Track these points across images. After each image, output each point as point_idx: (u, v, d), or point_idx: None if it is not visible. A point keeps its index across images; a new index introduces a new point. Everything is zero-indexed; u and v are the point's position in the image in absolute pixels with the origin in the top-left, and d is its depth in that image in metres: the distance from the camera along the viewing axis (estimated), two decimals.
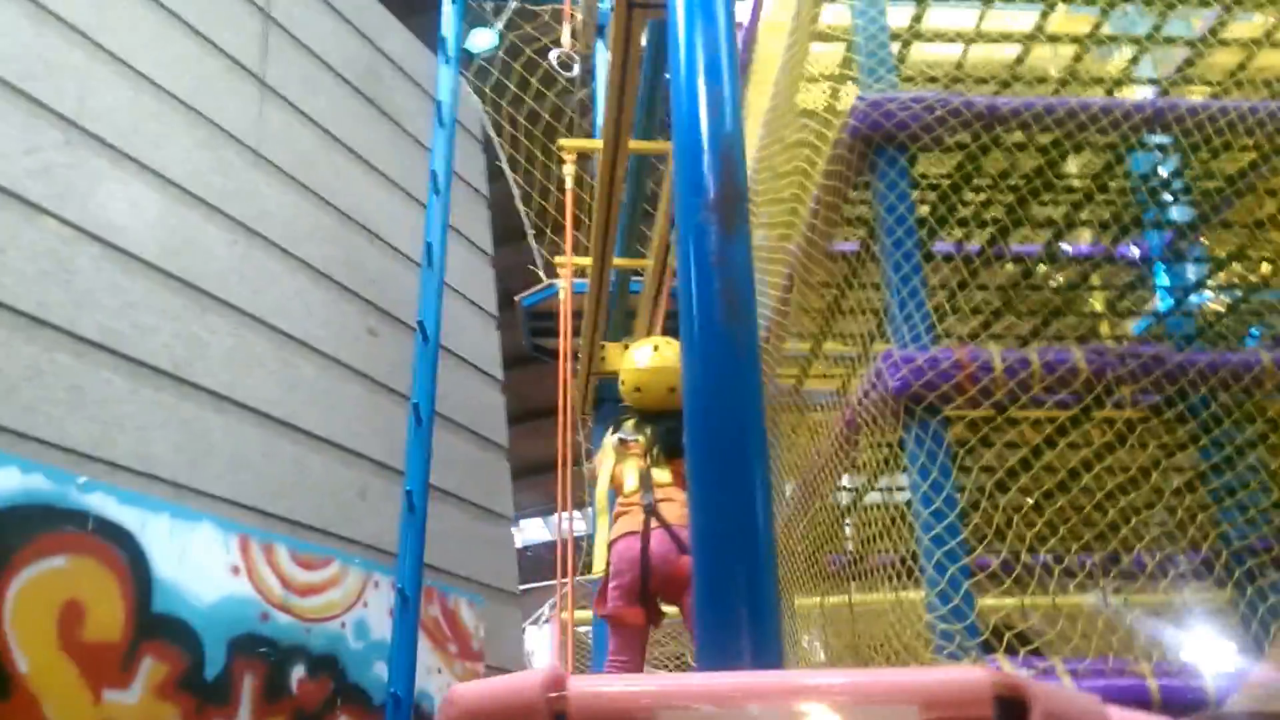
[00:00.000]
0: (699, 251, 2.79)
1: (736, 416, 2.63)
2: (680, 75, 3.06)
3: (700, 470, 2.64)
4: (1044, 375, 3.55)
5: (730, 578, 2.49)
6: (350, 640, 7.49)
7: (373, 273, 8.73)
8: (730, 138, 2.90)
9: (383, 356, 8.56)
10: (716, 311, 2.71)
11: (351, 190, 8.75)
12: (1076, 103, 4.00)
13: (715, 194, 2.81)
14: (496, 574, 9.15)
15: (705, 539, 2.56)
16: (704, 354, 2.69)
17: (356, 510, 7.91)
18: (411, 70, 9.84)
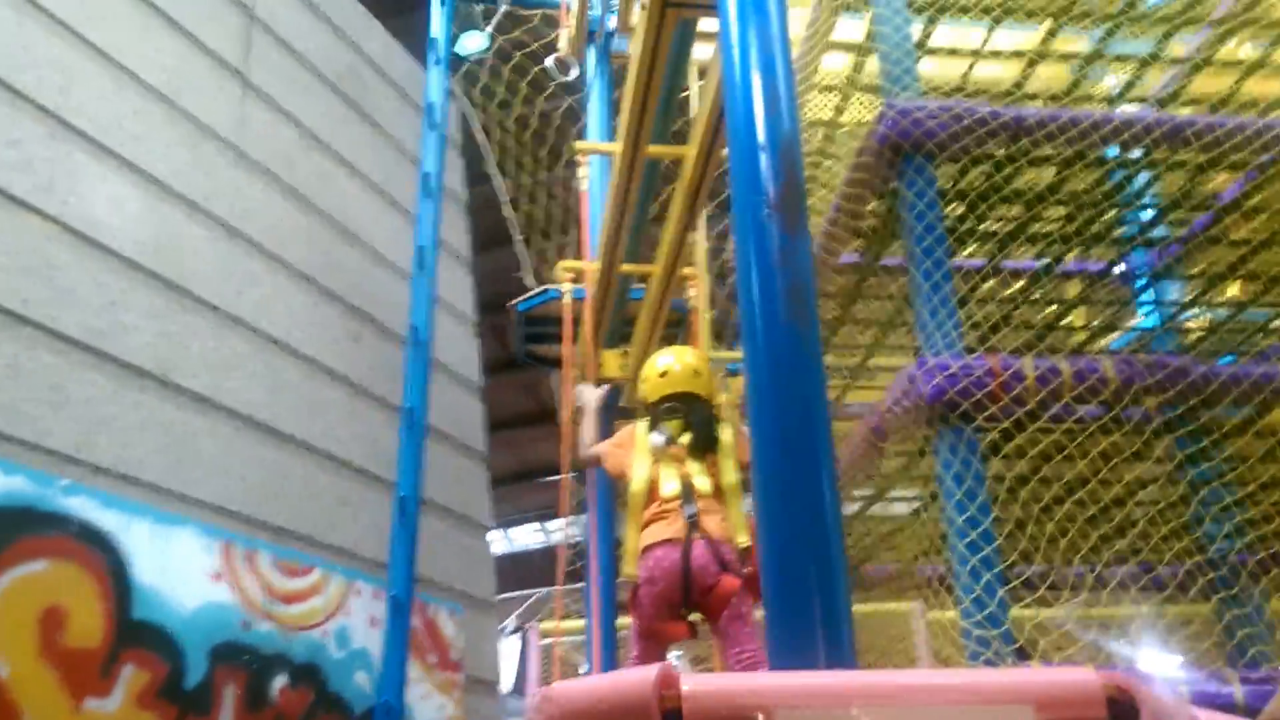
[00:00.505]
0: (761, 251, 2.78)
1: (804, 415, 2.63)
2: (735, 73, 3.06)
3: (768, 468, 2.63)
4: (1074, 384, 3.59)
5: (802, 577, 2.48)
6: (332, 649, 7.39)
7: (354, 276, 8.65)
8: (789, 135, 2.90)
9: (364, 361, 8.48)
10: (781, 311, 2.70)
11: (333, 192, 8.67)
12: (1100, 116, 4.06)
13: (777, 192, 2.81)
14: (474, 583, 9.08)
15: (775, 537, 2.56)
16: (769, 354, 2.69)
17: (338, 517, 7.82)
18: (392, 72, 9.78)
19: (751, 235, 2.83)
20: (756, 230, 2.82)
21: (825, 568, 2.48)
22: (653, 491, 3.84)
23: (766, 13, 3.12)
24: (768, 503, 2.60)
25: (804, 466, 2.58)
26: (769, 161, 2.88)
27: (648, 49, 4.02)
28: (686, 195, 4.75)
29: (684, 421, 3.99)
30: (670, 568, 3.64)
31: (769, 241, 2.79)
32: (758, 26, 3.09)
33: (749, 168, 2.92)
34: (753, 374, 2.74)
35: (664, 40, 3.99)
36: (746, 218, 2.88)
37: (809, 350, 2.69)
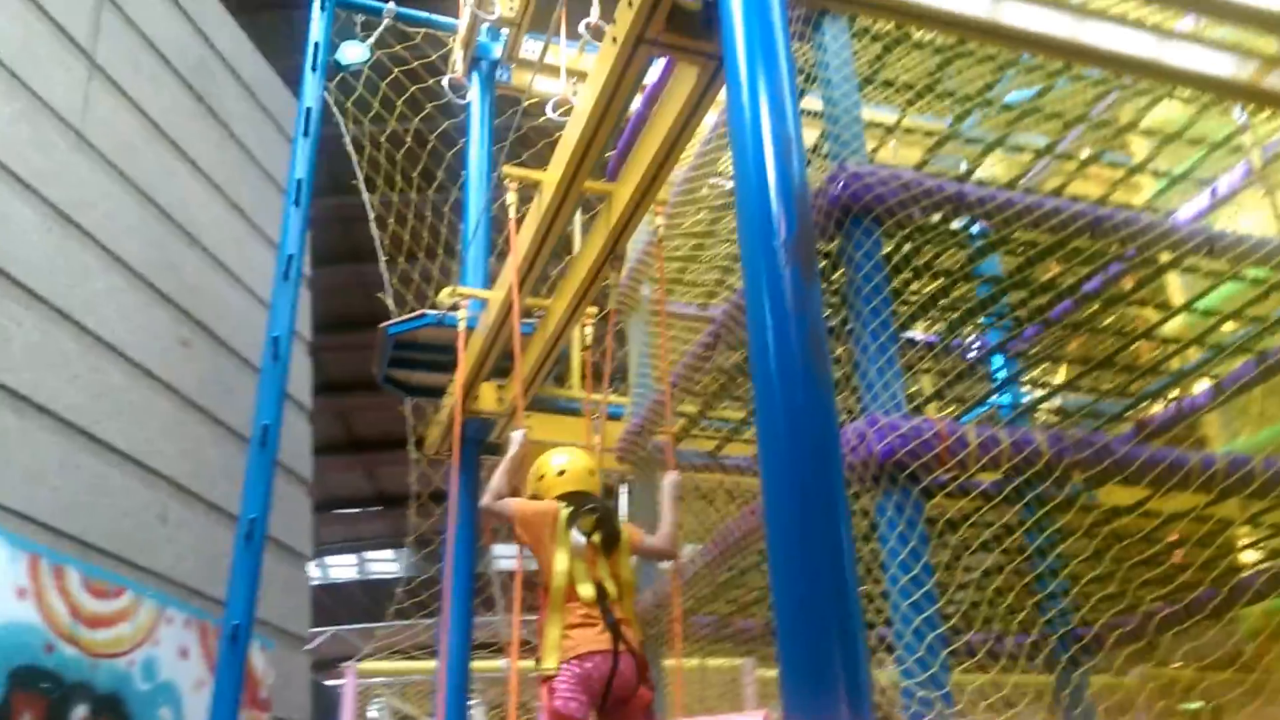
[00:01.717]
0: (776, 296, 2.81)
1: (823, 464, 2.65)
2: (744, 118, 3.09)
3: (781, 518, 2.64)
4: (1011, 454, 3.74)
5: (821, 629, 2.50)
6: (137, 680, 6.89)
7: (190, 279, 8.21)
8: (801, 181, 2.95)
9: (194, 371, 8.04)
10: (799, 357, 2.73)
11: (174, 189, 8.24)
12: (1035, 200, 4.29)
13: (792, 238, 2.85)
14: (289, 617, 8.67)
15: (790, 588, 2.56)
16: (786, 400, 2.72)
17: (154, 536, 7.34)
18: (242, 71, 9.41)
19: (765, 281, 2.86)
20: (771, 277, 2.85)
21: (845, 622, 2.50)
22: (569, 588, 3.96)
23: (776, 60, 3.18)
24: (781, 553, 2.60)
25: (821, 516, 2.61)
26: (782, 208, 2.92)
27: (610, 82, 4.01)
28: (612, 232, 4.74)
29: (596, 520, 4.11)
30: (599, 678, 3.87)
31: (783, 287, 2.82)
32: (767, 74, 3.14)
33: (760, 213, 2.94)
34: (766, 420, 2.75)
35: (629, 75, 3.99)
36: (759, 264, 2.90)
37: (825, 397, 2.73)
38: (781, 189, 2.95)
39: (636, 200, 4.57)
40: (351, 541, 23.75)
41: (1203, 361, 5.36)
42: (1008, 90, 5.27)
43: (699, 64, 3.91)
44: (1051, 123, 5.38)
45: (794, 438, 2.67)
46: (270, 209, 9.49)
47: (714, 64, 3.88)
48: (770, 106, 3.07)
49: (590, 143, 4.37)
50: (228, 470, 8.19)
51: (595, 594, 3.96)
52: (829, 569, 2.54)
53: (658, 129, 4.29)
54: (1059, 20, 4.24)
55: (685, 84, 4.03)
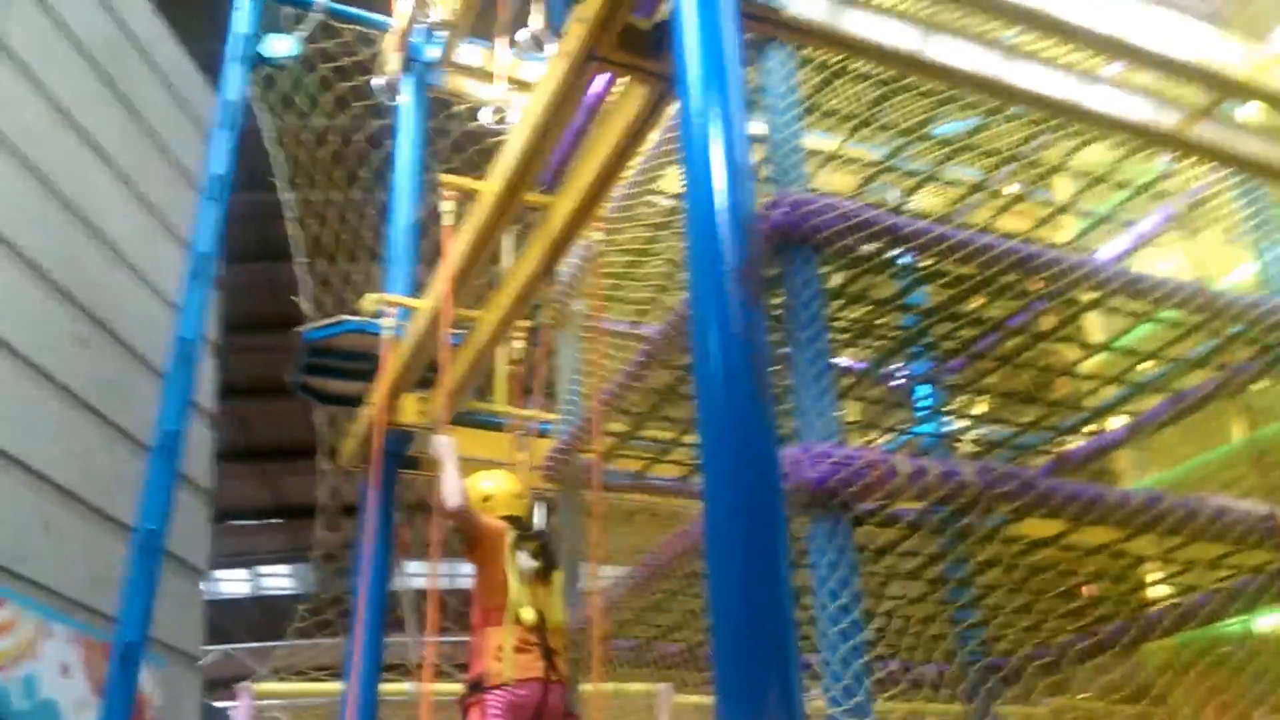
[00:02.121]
0: (723, 321, 2.94)
1: (765, 490, 2.79)
2: (696, 143, 3.23)
3: (723, 544, 2.78)
4: (940, 484, 3.93)
5: (759, 654, 2.64)
6: (15, 698, 6.76)
7: (91, 275, 8.12)
8: (751, 209, 3.09)
9: (89, 371, 7.94)
10: (745, 383, 2.87)
11: (79, 178, 8.15)
12: (967, 236, 4.51)
13: (742, 266, 2.99)
14: (180, 634, 8.56)
15: (729, 613, 2.69)
16: (733, 428, 2.85)
17: (37, 545, 7.22)
18: (157, 58, 9.34)
19: (713, 306, 2.99)
20: (718, 301, 2.98)
21: (780, 638, 2.64)
22: (511, 605, 4.20)
23: (728, 86, 3.32)
24: (721, 569, 2.73)
25: (763, 537, 2.74)
26: (732, 234, 3.06)
27: (557, 96, 4.12)
28: (551, 247, 4.85)
29: (540, 547, 4.37)
30: (530, 707, 4.12)
31: (731, 312, 2.95)
32: (719, 100, 3.28)
33: (708, 240, 3.08)
34: (711, 444, 2.88)
35: (577, 91, 4.11)
36: (707, 289, 3.02)
37: (770, 423, 2.87)
38: (732, 214, 3.09)
39: (577, 215, 4.69)
40: (245, 555, 23.35)
41: (1120, 398, 5.65)
42: (940, 124, 5.50)
43: (648, 83, 4.04)
44: (983, 159, 5.63)
45: (738, 462, 2.80)
46: (181, 203, 9.42)
47: (663, 84, 4.02)
48: (722, 132, 3.22)
49: (533, 156, 4.47)
50: (120, 477, 8.09)
51: (537, 620, 4.15)
52: (769, 594, 2.67)
53: (602, 145, 4.41)
54: (988, 59, 4.43)
55: (633, 102, 4.16)
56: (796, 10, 3.78)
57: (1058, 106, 4.42)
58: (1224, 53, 4.32)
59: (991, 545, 4.46)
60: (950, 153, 5.40)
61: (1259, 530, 4.34)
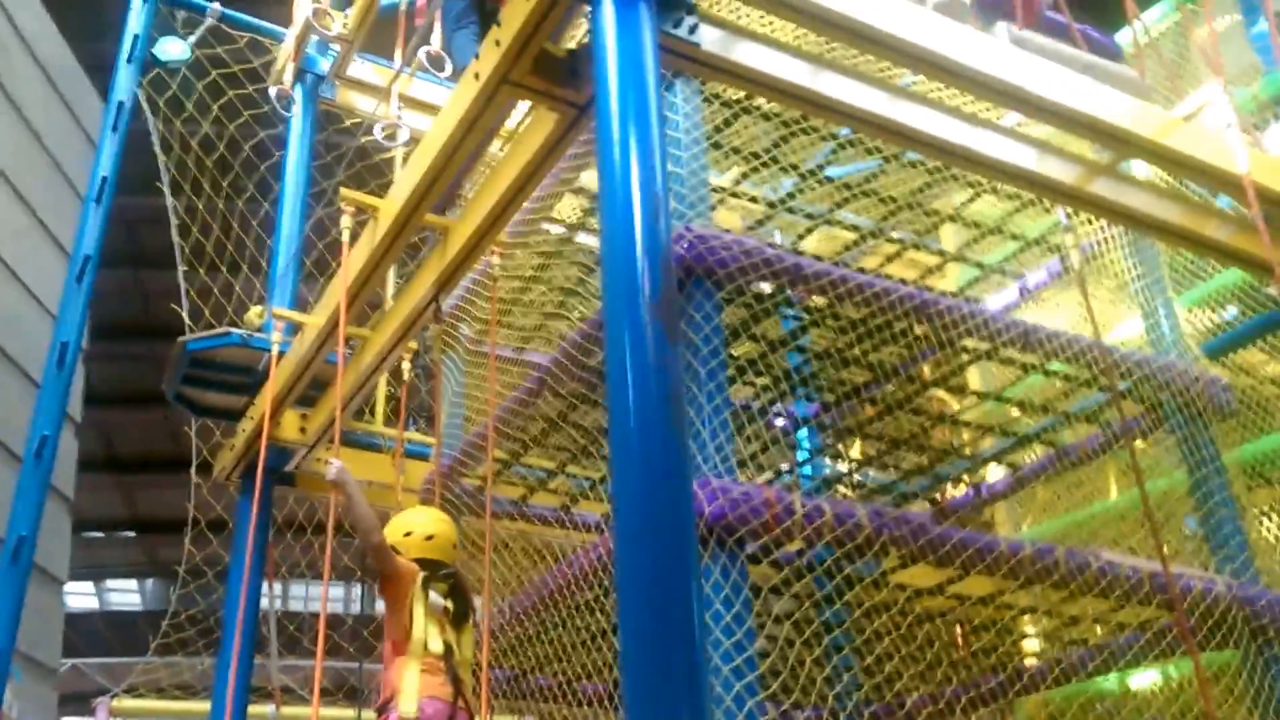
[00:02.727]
0: (638, 355, 2.89)
1: (675, 524, 2.74)
2: (615, 175, 3.17)
3: (632, 571, 2.71)
4: (834, 525, 3.92)
5: (669, 689, 2.57)
6: None
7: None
8: (667, 242, 3.05)
9: None
10: (659, 417, 2.82)
11: None
12: (867, 279, 4.54)
13: (656, 299, 2.94)
14: (37, 645, 8.12)
15: (640, 647, 2.64)
16: (644, 460, 2.80)
17: None
18: (40, 52, 8.93)
19: (628, 338, 2.93)
20: (634, 334, 2.92)
21: (692, 674, 2.59)
22: (418, 639, 4.15)
23: (647, 117, 3.27)
24: (632, 604, 2.67)
25: (672, 571, 2.68)
26: (648, 266, 3.00)
27: (467, 118, 4.02)
28: (446, 268, 4.73)
29: (451, 588, 4.32)
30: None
31: (646, 345, 2.90)
32: (637, 131, 3.23)
33: (626, 271, 3.02)
34: (621, 479, 2.81)
35: (488, 114, 4.02)
36: (622, 321, 2.96)
37: (683, 455, 2.82)
38: (649, 247, 3.04)
39: (475, 239, 4.59)
40: (93, 568, 22.42)
41: (1002, 449, 5.74)
42: (833, 164, 5.54)
43: (559, 110, 3.96)
44: (876, 206, 5.69)
45: (650, 495, 2.74)
46: (59, 203, 9.04)
47: (574, 111, 3.95)
48: (640, 165, 3.16)
49: (437, 176, 4.36)
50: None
51: (444, 650, 4.15)
52: (680, 628, 2.62)
53: (507, 171, 4.32)
54: (892, 104, 4.43)
55: (542, 128, 4.08)
56: (713, 47, 3.73)
57: (958, 153, 4.46)
58: (1125, 110, 4.42)
59: (879, 591, 4.47)
60: (845, 197, 5.44)
61: (1148, 587, 4.41)
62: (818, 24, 3.92)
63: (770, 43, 3.93)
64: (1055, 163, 4.64)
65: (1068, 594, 4.56)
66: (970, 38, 4.21)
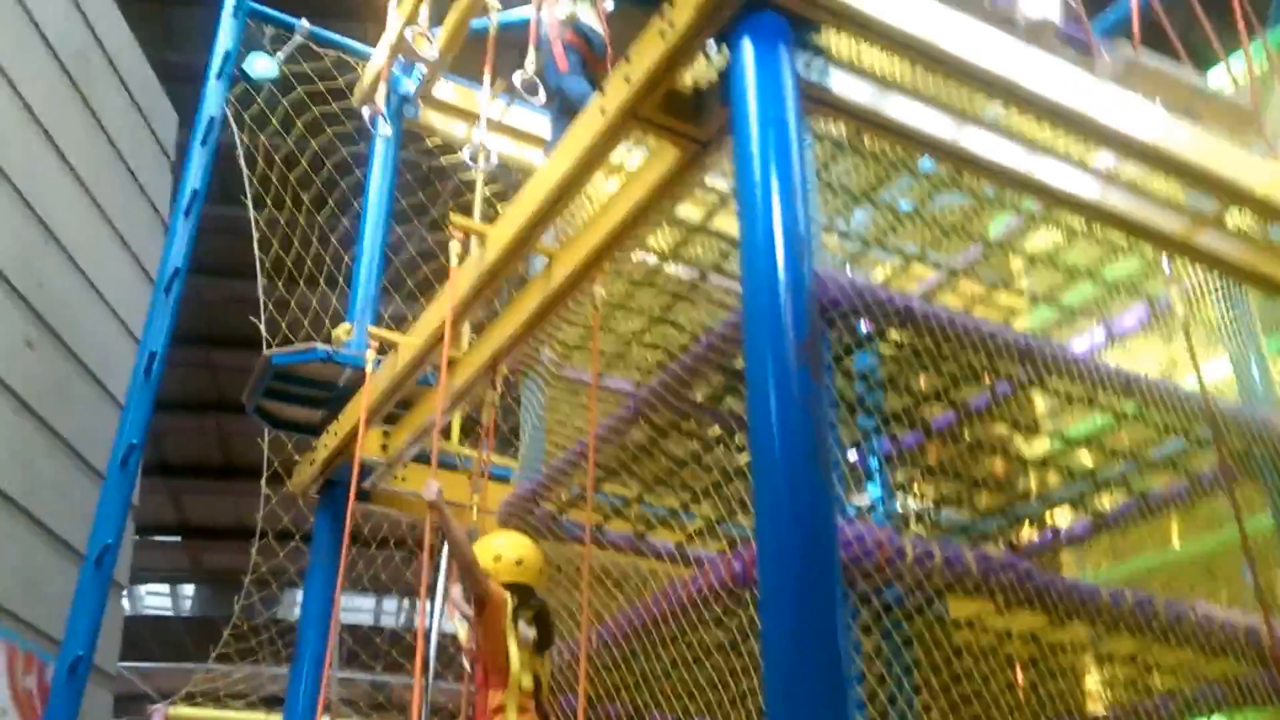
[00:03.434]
0: (784, 395, 2.89)
1: (821, 564, 2.74)
2: (756, 217, 3.18)
3: (780, 609, 2.71)
4: (943, 569, 3.89)
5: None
6: None
7: (42, 276, 7.77)
8: (810, 284, 3.05)
9: (35, 374, 7.57)
10: (804, 458, 2.82)
11: (40, 179, 7.82)
12: (971, 322, 4.52)
13: (803, 340, 2.94)
14: (98, 649, 8.14)
15: (784, 687, 2.63)
16: (791, 501, 2.79)
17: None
18: (121, 66, 9.04)
19: (773, 380, 2.92)
20: (779, 376, 2.92)
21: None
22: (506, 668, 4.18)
23: (789, 162, 3.28)
24: (774, 661, 2.67)
25: (821, 612, 2.68)
26: (794, 307, 3.00)
27: (591, 150, 4.04)
28: (548, 298, 4.75)
29: (535, 617, 4.35)
30: None
31: (792, 387, 2.90)
32: (779, 170, 3.24)
33: (772, 311, 3.02)
34: (769, 520, 2.81)
35: (610, 146, 4.04)
36: (767, 363, 2.96)
37: (828, 497, 2.82)
38: (793, 289, 3.04)
39: (583, 269, 4.59)
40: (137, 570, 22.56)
41: (1080, 493, 5.69)
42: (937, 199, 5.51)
43: (682, 146, 3.98)
44: (959, 240, 5.66)
45: (797, 537, 2.74)
46: (132, 212, 9.13)
47: (696, 147, 3.96)
48: (783, 206, 3.17)
49: (552, 206, 4.38)
50: (58, 485, 7.76)
51: (533, 686, 4.20)
52: (826, 671, 2.61)
53: (620, 203, 4.33)
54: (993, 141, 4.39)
55: (662, 163, 4.08)
56: (841, 89, 3.73)
57: (1059, 196, 4.45)
58: (1237, 162, 4.39)
59: (965, 632, 4.43)
60: (940, 232, 5.42)
61: (1243, 641, 4.37)
62: (926, 60, 3.90)
63: (901, 89, 3.93)
64: (1157, 210, 4.62)
65: (1165, 644, 4.51)
66: (1079, 79, 4.18)
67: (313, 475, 6.39)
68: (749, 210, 3.21)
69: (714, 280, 5.34)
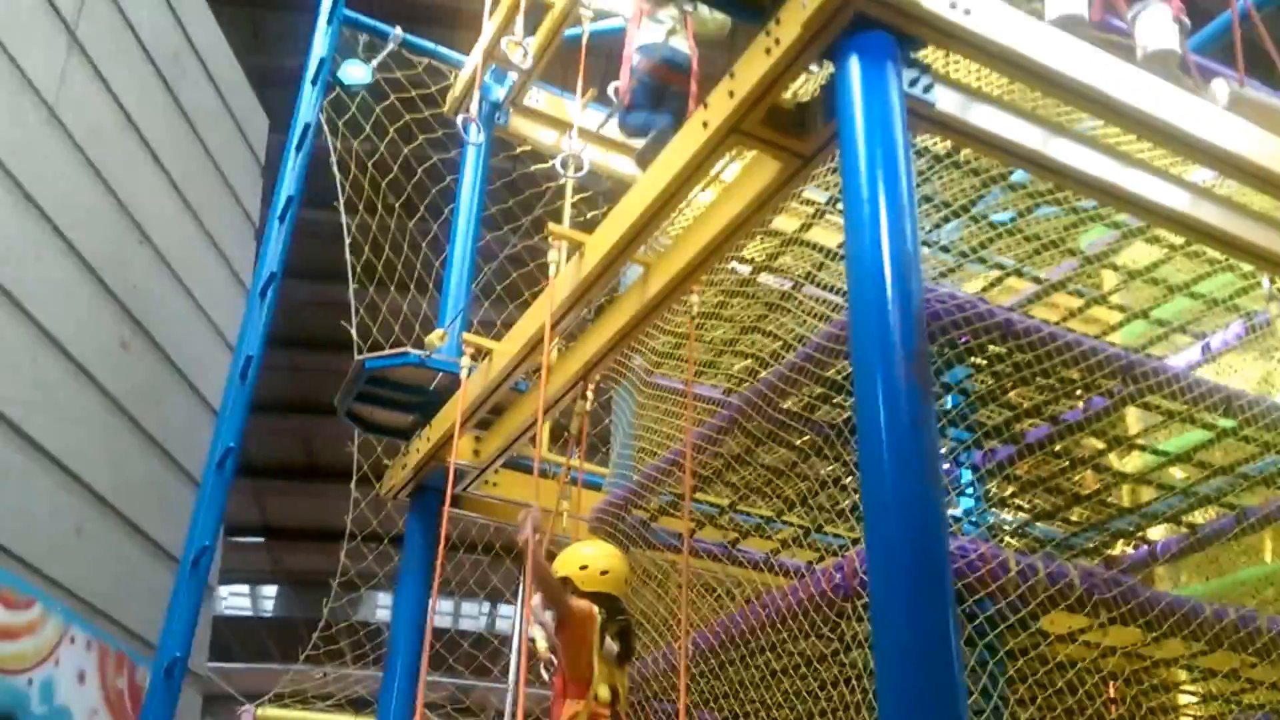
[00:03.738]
0: (893, 410, 2.93)
1: (933, 579, 2.77)
2: (863, 233, 3.23)
3: (893, 626, 2.75)
4: (1047, 585, 3.92)
5: None
6: (34, 702, 6.61)
7: (136, 278, 8.03)
8: (919, 300, 3.09)
9: (129, 375, 7.84)
10: (915, 473, 2.86)
11: (134, 181, 8.09)
12: (1072, 338, 4.52)
13: (911, 356, 2.98)
14: None
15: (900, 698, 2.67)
16: (901, 517, 2.84)
17: (69, 548, 7.10)
18: (213, 68, 9.29)
19: (883, 394, 2.96)
20: (889, 392, 2.96)
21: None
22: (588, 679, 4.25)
23: (897, 179, 3.32)
24: (891, 665, 2.71)
25: (934, 627, 2.71)
26: (901, 322, 3.05)
27: (692, 164, 4.11)
28: (645, 306, 4.82)
29: (621, 633, 4.39)
30: None
31: (902, 404, 2.94)
32: (886, 184, 3.28)
33: (879, 326, 3.07)
34: (879, 539, 2.86)
35: (712, 159, 4.11)
36: (875, 379, 3.01)
37: (940, 513, 2.85)
38: (902, 306, 3.08)
39: (679, 279, 4.66)
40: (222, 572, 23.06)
41: (1180, 509, 5.66)
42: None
43: (783, 160, 4.03)
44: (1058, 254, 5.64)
45: (909, 553, 2.79)
46: (223, 214, 9.38)
47: (798, 161, 4.01)
48: (890, 223, 3.22)
49: (651, 219, 4.45)
50: (147, 485, 8.01)
51: (610, 697, 4.25)
52: (942, 683, 2.65)
53: (718, 215, 4.39)
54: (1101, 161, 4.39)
55: (762, 176, 4.14)
56: (947, 106, 3.77)
57: (1164, 213, 4.43)
58: None
59: (1061, 646, 4.44)
60: (1033, 246, 5.41)
61: None
62: (1039, 81, 3.92)
63: (999, 104, 3.95)
64: (1258, 227, 4.59)
65: (1266, 660, 4.49)
66: (1196, 106, 4.18)
67: (404, 479, 6.53)
68: (856, 227, 3.26)
69: (807, 289, 5.38)
